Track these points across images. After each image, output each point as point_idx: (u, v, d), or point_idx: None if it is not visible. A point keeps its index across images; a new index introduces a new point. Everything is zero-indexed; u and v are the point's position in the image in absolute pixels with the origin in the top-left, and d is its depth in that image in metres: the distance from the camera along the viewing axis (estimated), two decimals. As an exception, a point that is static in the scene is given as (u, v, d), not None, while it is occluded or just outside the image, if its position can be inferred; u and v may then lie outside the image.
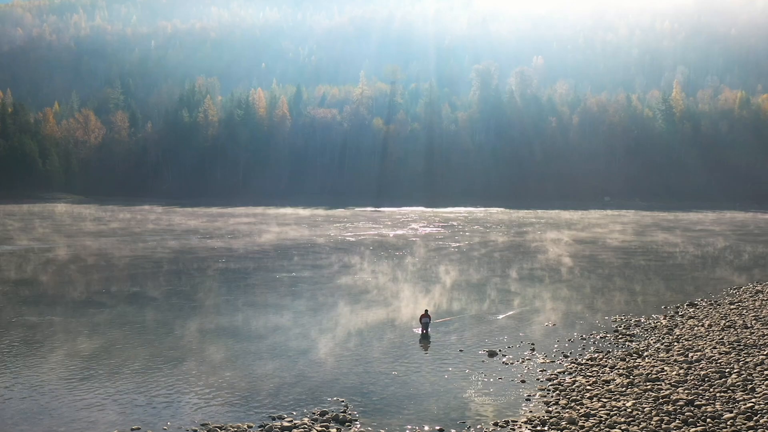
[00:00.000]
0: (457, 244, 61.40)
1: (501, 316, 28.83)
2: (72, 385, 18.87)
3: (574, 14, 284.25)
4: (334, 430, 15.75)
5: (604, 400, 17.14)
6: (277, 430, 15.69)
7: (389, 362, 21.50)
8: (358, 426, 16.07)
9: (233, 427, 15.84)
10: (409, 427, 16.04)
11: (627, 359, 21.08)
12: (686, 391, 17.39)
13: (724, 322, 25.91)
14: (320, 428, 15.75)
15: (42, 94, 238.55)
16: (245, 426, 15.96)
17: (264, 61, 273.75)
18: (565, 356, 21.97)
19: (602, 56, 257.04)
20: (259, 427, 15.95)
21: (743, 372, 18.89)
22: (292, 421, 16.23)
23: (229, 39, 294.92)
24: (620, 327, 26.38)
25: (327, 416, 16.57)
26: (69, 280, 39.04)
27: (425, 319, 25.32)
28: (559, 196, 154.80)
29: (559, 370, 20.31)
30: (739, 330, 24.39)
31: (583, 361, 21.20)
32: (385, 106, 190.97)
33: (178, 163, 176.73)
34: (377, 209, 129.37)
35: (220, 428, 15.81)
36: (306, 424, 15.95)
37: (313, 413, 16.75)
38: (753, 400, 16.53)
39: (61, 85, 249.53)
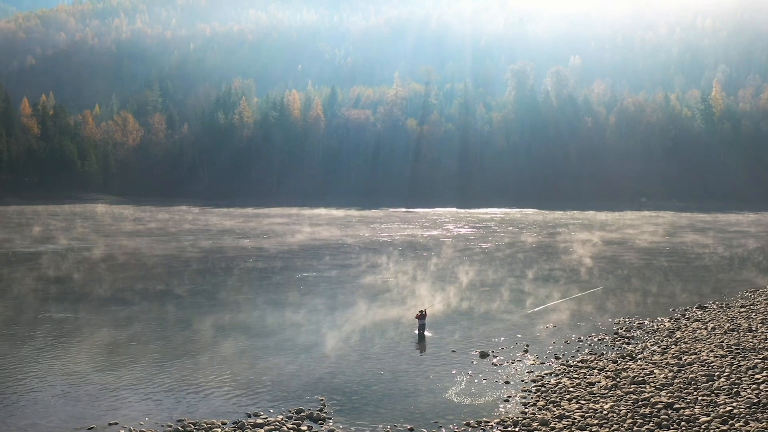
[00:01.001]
0: (486, 245, 61.09)
1: (505, 317, 28.59)
2: (59, 376, 19.26)
3: (612, 13, 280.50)
4: (305, 427, 15.83)
5: (583, 402, 16.93)
6: (249, 427, 15.83)
7: (380, 362, 21.52)
8: (330, 424, 16.15)
9: (207, 424, 16.02)
10: (381, 426, 16.07)
11: (618, 362, 20.78)
12: (669, 394, 17.09)
13: (728, 325, 25.36)
14: (291, 426, 15.86)
15: (84, 97, 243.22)
16: (219, 423, 16.14)
17: (300, 63, 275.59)
18: (557, 358, 21.75)
19: (641, 55, 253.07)
20: (233, 423, 16.10)
21: (732, 375, 18.49)
22: (266, 418, 16.36)
23: (266, 41, 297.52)
24: (621, 329, 26.00)
25: (302, 414, 16.69)
26: (100, 278, 39.98)
27: (421, 320, 25.25)
28: (594, 197, 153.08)
29: (546, 371, 20.12)
30: (742, 333, 23.86)
31: (574, 363, 20.96)
32: (419, 107, 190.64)
33: (214, 164, 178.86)
34: (409, 210, 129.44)
35: (194, 425, 16.01)
36: (278, 421, 16.08)
37: (290, 411, 16.87)
38: (734, 404, 16.18)
39: (102, 88, 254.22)
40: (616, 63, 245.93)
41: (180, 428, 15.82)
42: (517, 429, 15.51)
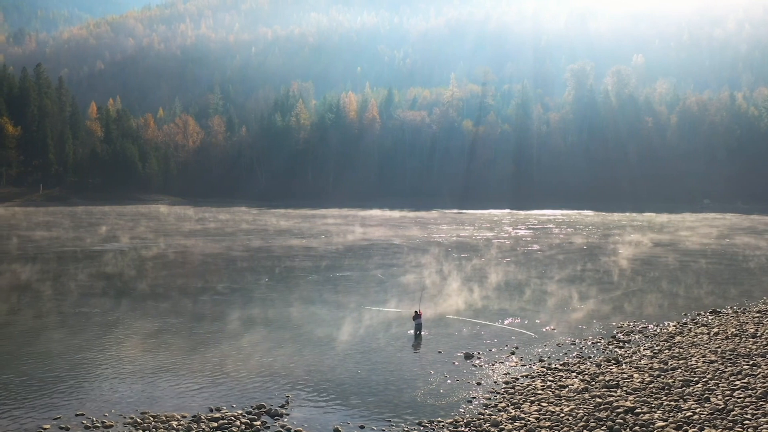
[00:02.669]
0: (532, 247, 60.53)
1: (508, 318, 28.24)
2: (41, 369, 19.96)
3: (678, 10, 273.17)
4: (259, 423, 16.01)
5: (544, 404, 16.64)
6: (204, 421, 16.11)
7: (363, 360, 21.61)
8: (284, 420, 16.32)
9: (166, 417, 16.38)
10: (333, 423, 16.13)
11: (602, 365, 20.32)
12: (635, 399, 16.65)
13: (734, 330, 24.45)
14: (245, 420, 16.07)
15: (149, 101, 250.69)
16: (179, 416, 16.44)
17: (359, 65, 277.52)
18: (541, 360, 21.41)
19: (708, 53, 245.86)
20: (192, 416, 16.39)
21: (711, 381, 17.87)
22: (225, 413, 16.61)
23: (327, 44, 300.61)
24: (621, 333, 25.40)
25: (262, 409, 16.88)
26: (148, 275, 41.59)
27: (417, 319, 25.19)
28: (653, 199, 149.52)
29: (524, 374, 19.84)
30: (744, 339, 22.98)
31: (556, 366, 20.57)
32: (475, 108, 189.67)
33: (271, 166, 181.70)
34: (463, 211, 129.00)
35: (154, 417, 16.35)
36: (234, 416, 16.31)
37: (252, 406, 17.06)
38: (698, 410, 15.65)
39: (167, 92, 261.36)
40: (682, 61, 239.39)
41: (139, 420, 16.18)
42: (467, 430, 15.36)
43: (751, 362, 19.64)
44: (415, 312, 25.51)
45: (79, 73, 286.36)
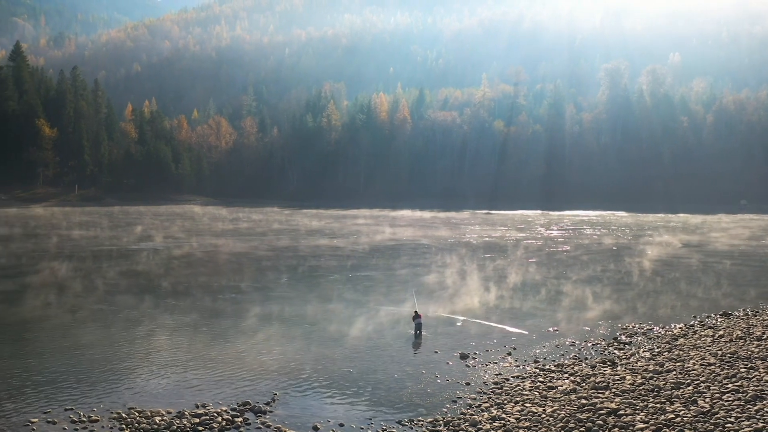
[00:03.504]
0: (559, 248, 60.00)
1: (512, 319, 28.04)
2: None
3: (717, 7, 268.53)
4: (240, 420, 16.12)
5: (528, 405, 16.49)
6: (187, 417, 16.27)
7: (359, 359, 21.64)
8: (266, 417, 16.41)
9: (152, 412, 16.58)
10: (315, 420, 16.18)
11: (596, 367, 20.05)
12: (622, 401, 16.40)
13: (739, 333, 23.92)
14: (227, 417, 16.19)
15: (184, 102, 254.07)
16: (165, 412, 16.64)
17: (392, 66, 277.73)
18: (536, 361, 21.20)
19: (747, 51, 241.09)
20: (177, 412, 16.56)
21: (702, 384, 17.53)
22: (209, 409, 16.75)
23: (360, 44, 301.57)
24: (624, 334, 25.05)
25: (247, 406, 17.00)
26: (175, 273, 42.40)
27: (417, 319, 25.14)
28: (687, 200, 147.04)
29: (515, 374, 19.68)
30: (748, 342, 22.49)
31: (550, 367, 20.36)
32: (507, 108, 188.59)
33: (302, 166, 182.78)
34: (494, 212, 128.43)
35: (139, 413, 16.57)
36: (217, 412, 16.46)
37: (238, 403, 17.20)
38: (682, 412, 15.36)
39: (202, 93, 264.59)
40: (720, 59, 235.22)
41: (124, 415, 16.40)
42: (445, 429, 15.29)
43: (749, 365, 19.22)
44: (415, 312, 25.47)
45: (116, 75, 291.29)
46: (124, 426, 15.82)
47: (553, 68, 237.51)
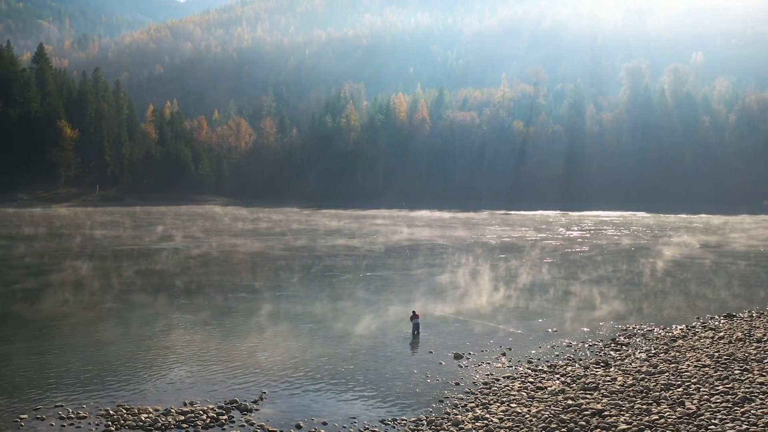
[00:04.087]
0: (576, 249, 59.64)
1: (514, 319, 27.93)
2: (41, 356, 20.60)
3: (742, 4, 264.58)
4: (225, 417, 16.22)
5: (514, 405, 16.41)
6: (172, 414, 16.41)
7: (355, 359, 21.73)
8: (251, 415, 16.47)
9: (139, 409, 16.76)
10: (299, 418, 16.24)
11: (590, 368, 19.90)
12: (609, 402, 16.27)
13: (739, 335, 23.62)
14: (212, 415, 16.31)
15: (206, 103, 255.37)
16: (152, 409, 16.79)
17: (412, 66, 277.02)
18: (530, 362, 21.10)
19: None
20: (164, 410, 16.69)
21: (693, 386, 17.33)
22: (196, 407, 16.87)
23: (380, 45, 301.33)
24: (622, 335, 24.84)
25: (234, 404, 17.11)
26: (191, 272, 43.28)
27: (415, 320, 25.11)
28: (709, 200, 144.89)
29: (506, 374, 19.61)
30: (746, 344, 22.20)
31: (542, 367, 20.24)
32: (527, 108, 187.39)
33: (321, 167, 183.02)
34: (513, 212, 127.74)
35: (126, 410, 16.73)
36: (203, 410, 16.58)
37: (225, 401, 17.30)
38: (667, 414, 15.21)
39: (223, 94, 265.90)
40: (744, 58, 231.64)
41: (112, 412, 16.56)
42: (427, 428, 15.27)
43: (743, 367, 18.98)
44: (413, 312, 25.44)
45: (139, 76, 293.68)
46: (110, 423, 16.00)
47: (573, 68, 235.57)
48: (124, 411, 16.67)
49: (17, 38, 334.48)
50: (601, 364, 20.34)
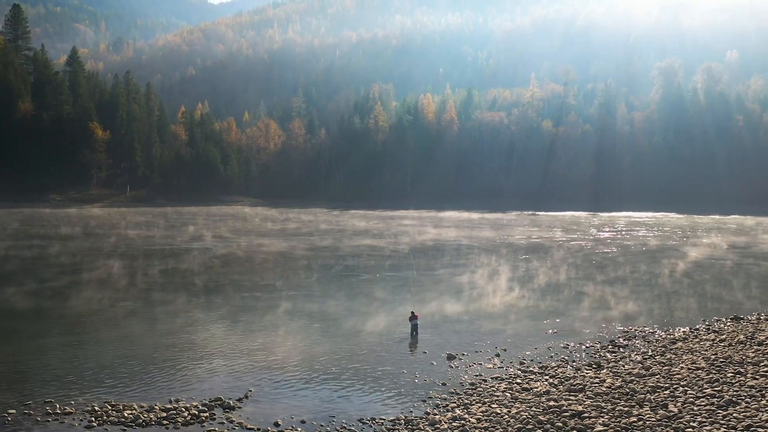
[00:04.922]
0: (601, 249, 59.11)
1: (515, 320, 27.73)
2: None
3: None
4: (206, 414, 16.34)
5: (494, 406, 16.29)
6: (155, 411, 16.60)
7: (349, 358, 21.80)
8: (233, 413, 16.60)
9: (124, 406, 16.98)
10: (279, 416, 16.32)
11: (581, 369, 19.67)
12: (591, 403, 16.07)
13: (743, 338, 23.13)
14: (194, 412, 16.48)
15: (236, 105, 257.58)
16: (137, 406, 17.00)
17: (442, 66, 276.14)
18: (522, 363, 20.94)
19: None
20: (148, 406, 16.88)
21: (681, 388, 17.04)
22: (180, 404, 17.03)
23: (410, 45, 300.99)
24: (622, 337, 24.51)
25: (218, 402, 17.25)
26: (216, 271, 43.99)
27: (414, 320, 25.07)
28: (742, 201, 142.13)
29: (495, 375, 19.48)
30: (748, 346, 21.74)
31: (533, 368, 20.06)
32: (556, 108, 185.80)
33: (349, 167, 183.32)
34: (542, 213, 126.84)
35: (112, 406, 16.96)
36: (186, 407, 16.73)
37: (209, 399, 17.44)
38: (647, 416, 14.97)
39: (254, 95, 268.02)
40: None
41: (97, 408, 16.80)
42: (404, 428, 15.23)
43: (737, 370, 18.60)
44: (412, 313, 25.41)
45: (171, 78, 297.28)
46: (93, 419, 16.23)
47: (605, 67, 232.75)
48: (110, 407, 16.90)
49: (54, 42, 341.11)
50: (593, 365, 20.10)
